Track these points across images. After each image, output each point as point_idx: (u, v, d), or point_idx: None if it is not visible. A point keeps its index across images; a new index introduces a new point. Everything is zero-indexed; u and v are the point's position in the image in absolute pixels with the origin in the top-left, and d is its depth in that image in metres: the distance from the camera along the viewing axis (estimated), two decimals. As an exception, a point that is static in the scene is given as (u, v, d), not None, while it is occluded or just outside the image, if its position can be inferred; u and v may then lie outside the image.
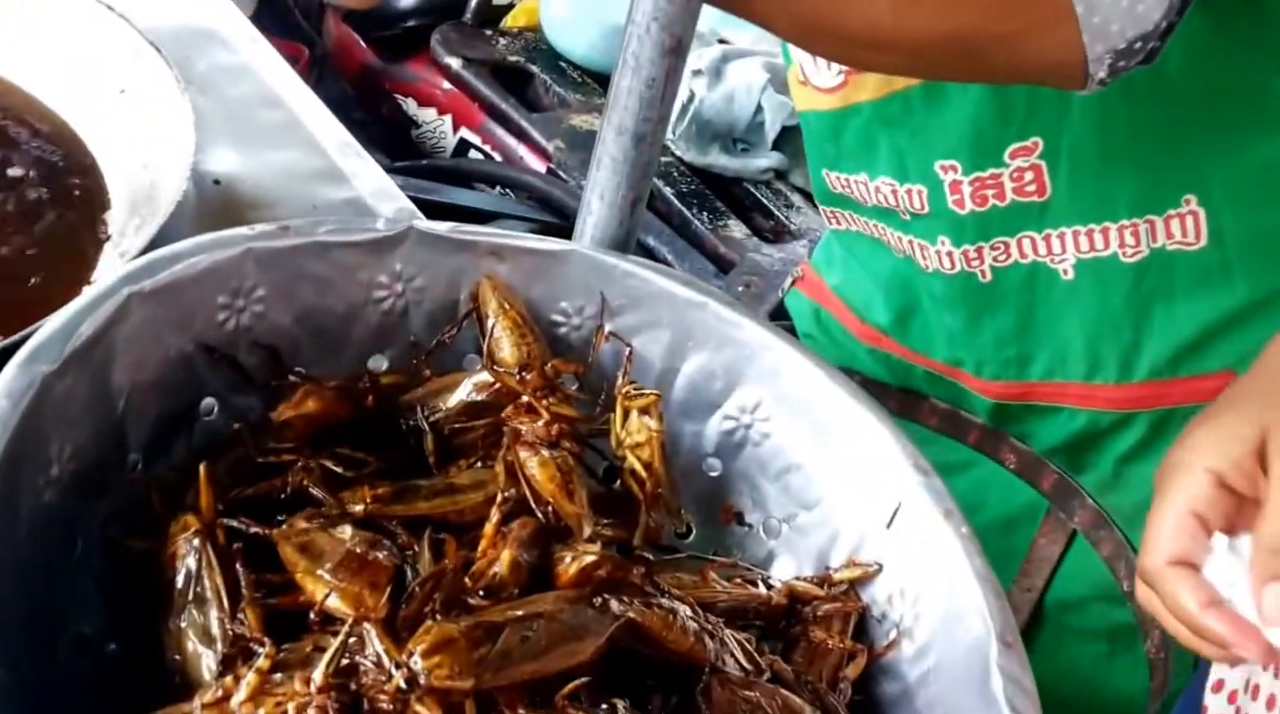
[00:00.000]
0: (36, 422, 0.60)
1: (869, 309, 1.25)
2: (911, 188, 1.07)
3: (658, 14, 0.76)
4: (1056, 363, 1.12)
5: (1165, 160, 0.99)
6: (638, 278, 0.82)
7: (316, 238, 0.75)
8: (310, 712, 0.52)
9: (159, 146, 1.05)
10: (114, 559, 0.67)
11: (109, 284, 0.65)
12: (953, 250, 1.08)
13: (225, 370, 0.74)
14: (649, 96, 0.79)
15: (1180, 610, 0.66)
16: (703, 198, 2.00)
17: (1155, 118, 0.93)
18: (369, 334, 0.81)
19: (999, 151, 1.01)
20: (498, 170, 2.09)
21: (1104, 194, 1.02)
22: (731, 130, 2.03)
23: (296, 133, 1.24)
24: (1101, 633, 1.20)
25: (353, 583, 0.58)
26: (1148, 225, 1.02)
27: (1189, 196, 1.00)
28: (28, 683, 0.56)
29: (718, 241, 1.90)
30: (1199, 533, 0.67)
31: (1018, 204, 1.03)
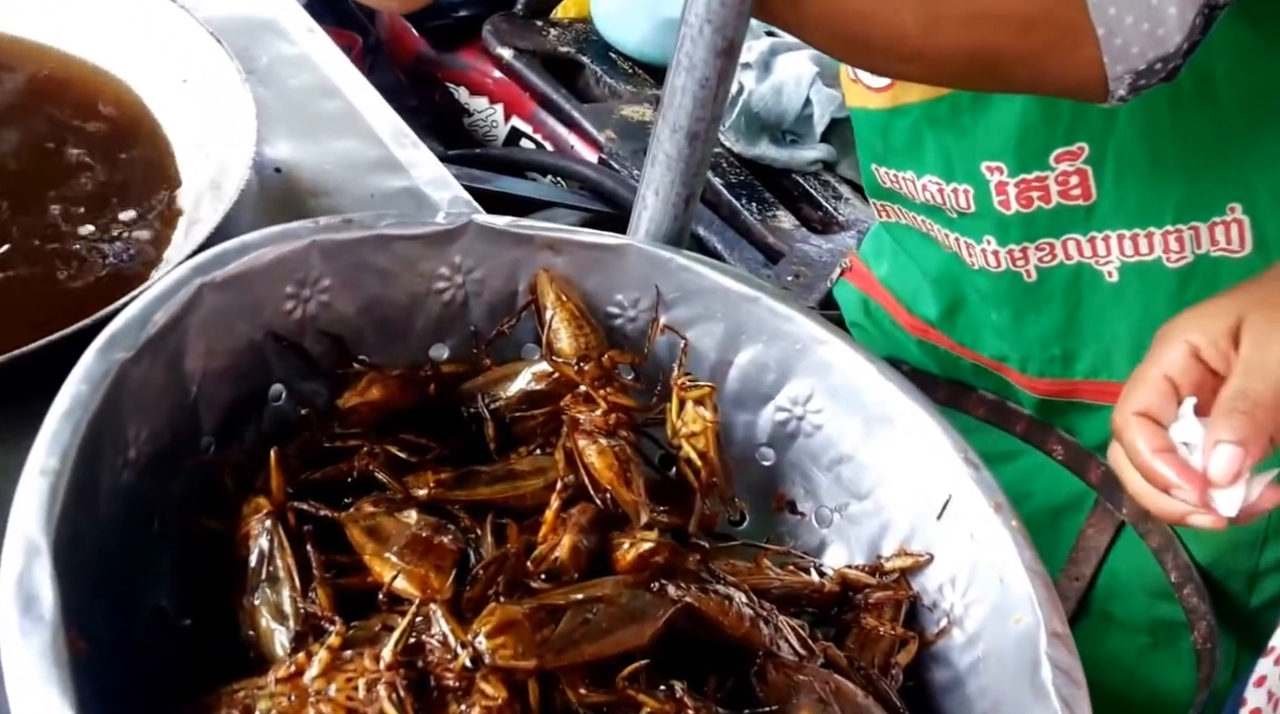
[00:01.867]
0: (115, 405, 0.62)
1: (917, 301, 1.26)
2: (958, 187, 1.07)
3: (711, 16, 0.77)
4: (1101, 362, 1.13)
5: (1210, 167, 1.00)
6: (692, 272, 0.84)
7: (378, 230, 0.77)
8: (380, 688, 0.54)
9: (222, 135, 1.08)
10: (189, 537, 0.69)
11: (181, 274, 0.67)
12: (998, 249, 1.09)
13: (293, 358, 0.76)
14: (702, 96, 0.80)
15: (1135, 454, 0.71)
16: (752, 189, 2.01)
17: (1201, 125, 0.94)
18: (430, 324, 0.83)
19: (1044, 155, 1.02)
20: (550, 160, 2.11)
21: (1149, 200, 1.02)
22: (780, 122, 2.04)
23: (354, 122, 1.26)
24: (1145, 626, 1.21)
25: (419, 565, 0.60)
26: (1192, 232, 1.02)
27: (1234, 204, 1.00)
28: (108, 654, 0.58)
29: (766, 232, 1.91)
30: (1169, 394, 0.73)
31: (1063, 207, 1.04)
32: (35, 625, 0.52)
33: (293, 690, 0.56)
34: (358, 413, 0.75)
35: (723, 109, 0.84)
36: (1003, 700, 0.67)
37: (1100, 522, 1.17)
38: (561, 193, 2.00)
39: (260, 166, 1.14)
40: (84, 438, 0.59)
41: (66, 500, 0.57)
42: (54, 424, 0.59)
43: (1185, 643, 1.13)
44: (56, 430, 0.59)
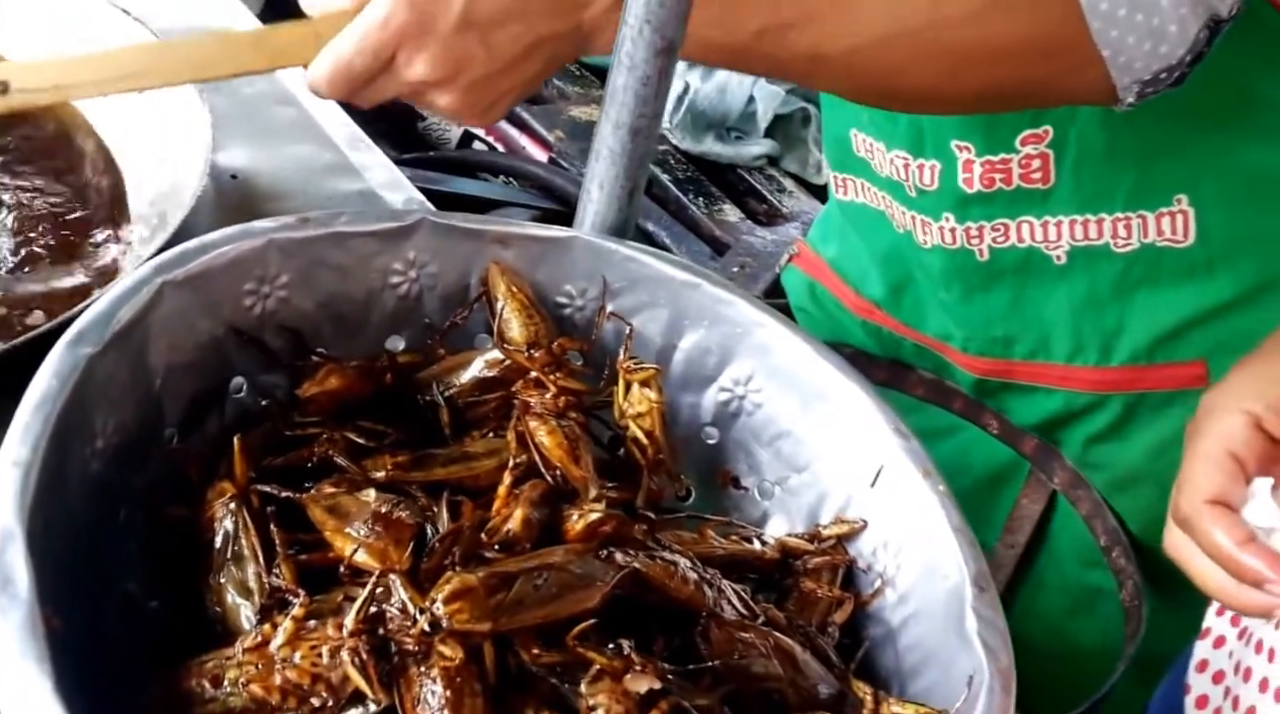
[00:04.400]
0: (82, 398, 0.65)
1: (864, 282, 1.31)
2: (925, 163, 1.11)
3: (650, 16, 0.80)
4: (1039, 344, 1.17)
5: (1161, 160, 1.04)
6: (636, 262, 0.87)
7: (334, 229, 0.80)
8: (343, 653, 0.58)
9: (177, 144, 1.10)
10: (155, 524, 0.72)
11: (144, 273, 0.70)
12: (956, 227, 1.13)
13: (253, 352, 0.79)
14: (644, 93, 0.83)
15: (1217, 548, 0.65)
16: (699, 184, 2.06)
17: (1154, 118, 0.98)
18: (386, 317, 0.86)
19: (1012, 138, 1.06)
20: (501, 160, 2.14)
21: (1103, 187, 1.07)
22: (725, 119, 2.09)
23: (309, 128, 1.29)
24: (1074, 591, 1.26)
25: (379, 539, 0.64)
26: (1140, 220, 1.07)
27: (1180, 196, 1.05)
28: (81, 634, 0.61)
29: (713, 225, 1.95)
30: (1237, 473, 0.67)
31: (1022, 189, 1.08)
32: (12, 604, 0.55)
33: (259, 659, 0.59)
34: (316, 402, 0.78)
35: (663, 106, 0.87)
36: (933, 651, 0.71)
37: (1034, 491, 1.22)
38: (513, 192, 2.03)
39: (217, 174, 1.16)
40: (54, 429, 0.62)
41: (38, 489, 0.60)
42: (25, 416, 0.62)
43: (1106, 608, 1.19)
44: (28, 422, 0.62)
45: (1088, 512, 1.17)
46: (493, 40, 0.87)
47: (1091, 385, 1.16)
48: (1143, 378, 1.14)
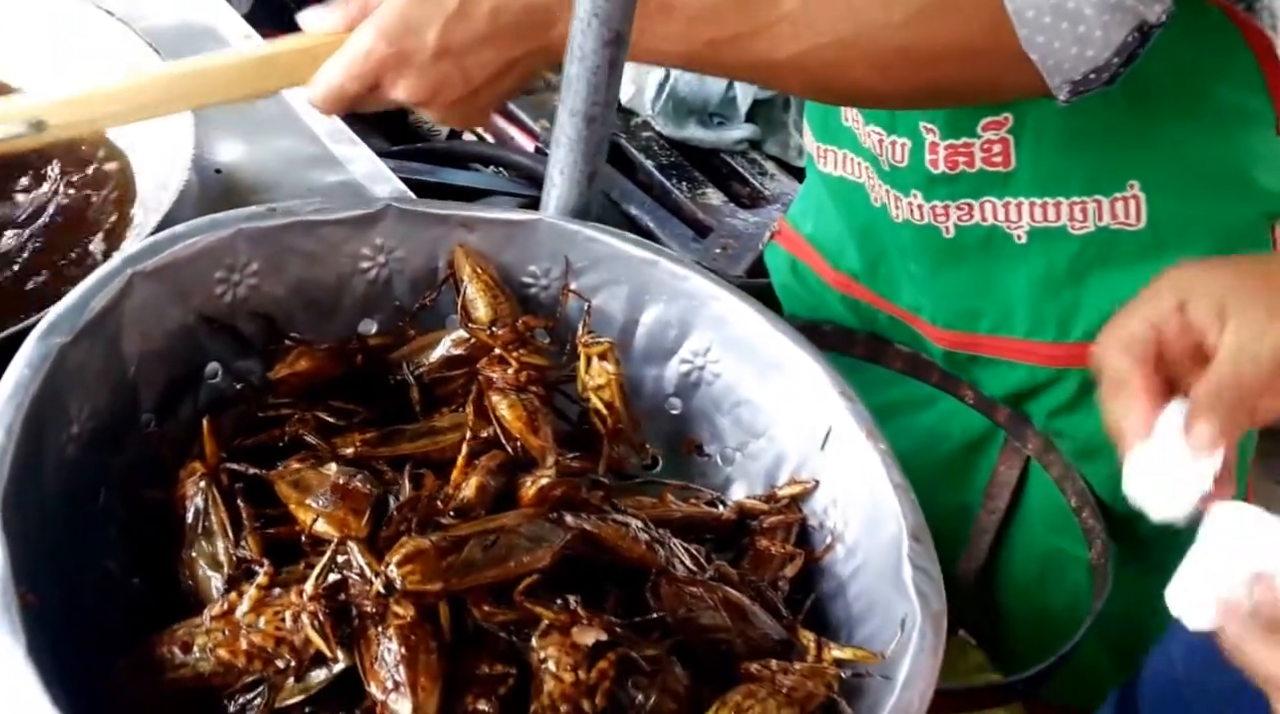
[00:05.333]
0: (55, 386, 0.68)
1: (841, 256, 1.34)
2: (896, 140, 1.15)
3: (597, 10, 0.83)
4: (1002, 319, 1.21)
5: (1115, 148, 1.09)
6: (597, 242, 0.90)
7: (302, 217, 0.83)
8: (304, 617, 0.61)
9: (162, 141, 1.13)
10: (134, 507, 0.75)
11: (113, 265, 0.73)
12: (923, 204, 1.17)
13: (226, 338, 0.83)
14: (595, 82, 0.86)
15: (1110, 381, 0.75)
16: (682, 169, 2.09)
17: (1108, 107, 1.01)
18: (357, 302, 0.89)
19: (973, 123, 1.10)
20: (489, 151, 2.17)
21: (1060, 172, 1.11)
22: (706, 105, 2.12)
23: (291, 122, 1.32)
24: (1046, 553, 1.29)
25: (337, 509, 0.67)
26: (1096, 204, 1.11)
27: (1133, 182, 1.09)
28: (58, 610, 0.64)
29: (696, 208, 1.98)
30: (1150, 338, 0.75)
31: (985, 172, 1.12)
32: (-13, 580, 0.58)
33: (226, 626, 0.63)
34: (287, 383, 0.81)
35: (615, 94, 0.90)
36: (874, 600, 0.74)
37: (1010, 459, 1.25)
38: (502, 181, 2.06)
39: (201, 168, 1.19)
40: (27, 416, 0.65)
41: (13, 472, 0.63)
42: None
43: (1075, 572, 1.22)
44: (1, 410, 0.65)
45: (1058, 475, 1.20)
46: (467, 65, 0.92)
47: (1050, 360, 1.20)
48: None
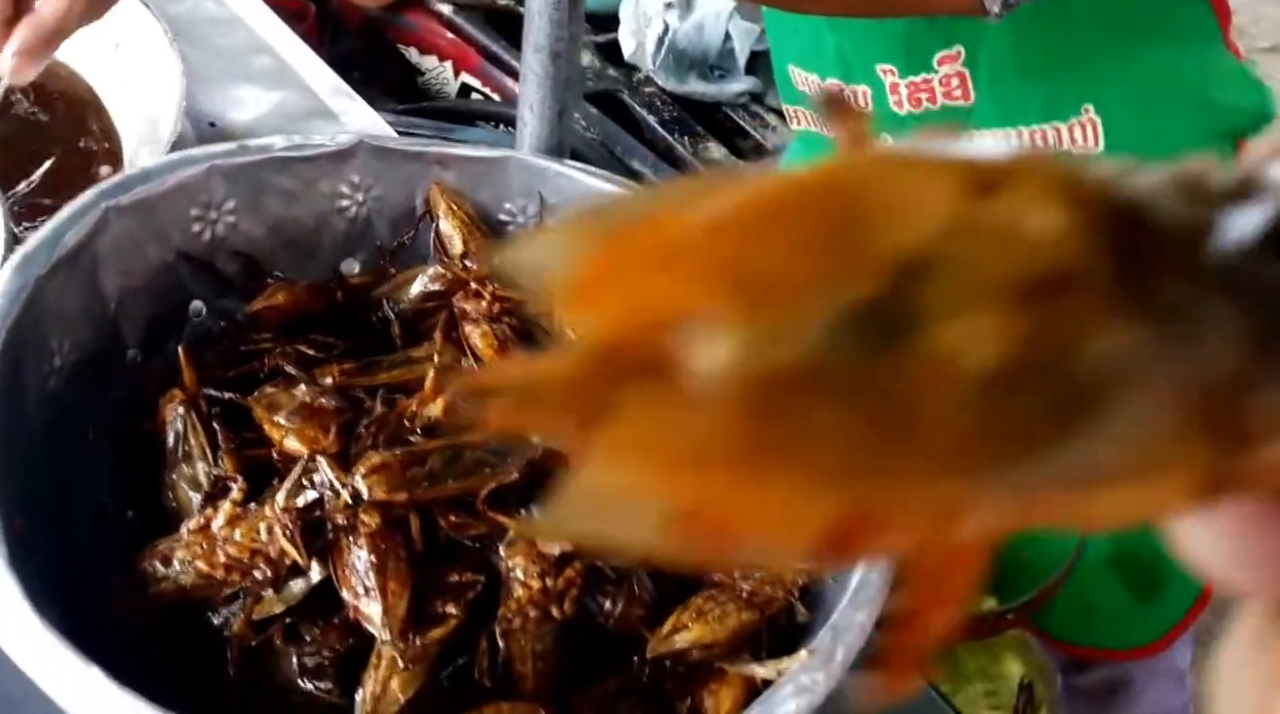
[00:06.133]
0: (33, 317, 0.70)
1: (829, 209, 1.35)
2: (857, 88, 1.16)
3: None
4: None
5: (1068, 70, 1.10)
6: (568, 178, 0.92)
7: (274, 154, 0.85)
8: (276, 529, 0.63)
9: (154, 95, 1.15)
10: (124, 442, 0.78)
11: (87, 198, 0.75)
12: None
13: (207, 277, 0.84)
14: (557, 17, 0.88)
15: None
16: (684, 123, 2.10)
17: (1058, 30, 1.02)
18: (338, 241, 0.91)
19: (928, 58, 1.11)
20: (496, 109, 2.18)
21: (1018, 101, 1.12)
22: (705, 58, 2.13)
23: (286, 76, 1.34)
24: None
25: (307, 426, 0.69)
26: (1055, 131, 1.12)
27: (1088, 105, 1.10)
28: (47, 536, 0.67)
29: (699, 163, 2.00)
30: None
31: (947, 107, 1.13)
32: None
33: (204, 539, 0.65)
34: (266, 317, 0.83)
35: (580, 29, 0.92)
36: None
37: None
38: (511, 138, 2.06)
39: (196, 122, 1.22)
40: (5, 344, 0.67)
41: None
42: (-24, 334, 0.67)
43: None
44: (-21, 337, 0.67)
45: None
46: None
47: None
48: None
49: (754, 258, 0.12)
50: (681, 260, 0.12)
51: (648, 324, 0.12)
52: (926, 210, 0.12)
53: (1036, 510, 0.13)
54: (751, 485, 0.12)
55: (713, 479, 0.12)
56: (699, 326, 0.12)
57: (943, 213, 0.12)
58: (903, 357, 0.12)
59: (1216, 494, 0.14)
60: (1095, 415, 0.12)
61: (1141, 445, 0.13)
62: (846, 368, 0.12)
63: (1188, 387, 0.13)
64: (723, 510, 0.12)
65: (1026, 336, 0.12)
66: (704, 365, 0.12)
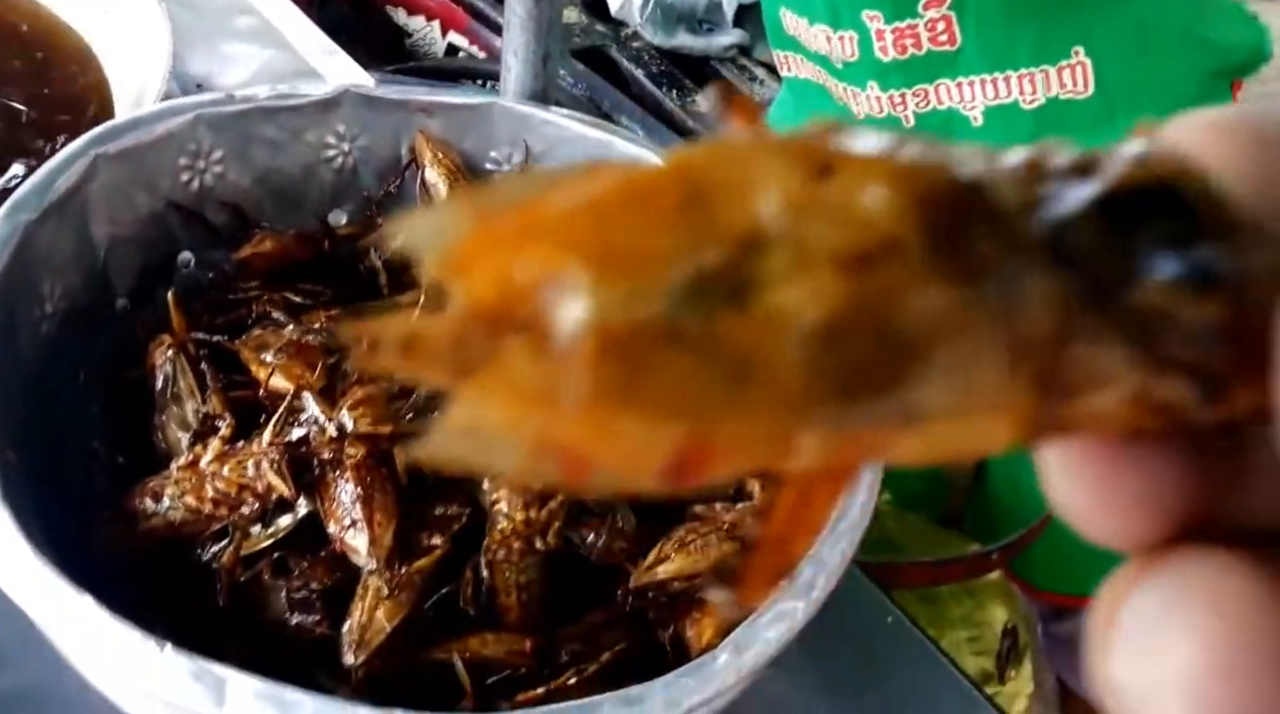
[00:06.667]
0: (24, 263, 0.71)
1: (816, 158, 1.36)
2: (844, 34, 1.16)
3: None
4: None
5: (1056, 12, 1.10)
6: (553, 124, 0.93)
7: (260, 103, 0.86)
8: (264, 463, 0.64)
9: (141, 55, 1.16)
10: (115, 388, 0.79)
11: (77, 146, 0.75)
12: (880, 96, 1.18)
13: (196, 227, 0.85)
14: (539, -39, 0.89)
15: None
16: (673, 78, 2.10)
17: None
18: (325, 191, 0.91)
19: (914, 3, 1.11)
20: (483, 66, 2.18)
21: (1006, 44, 1.12)
22: (694, 12, 2.12)
23: (272, 37, 1.34)
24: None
25: (292, 363, 0.70)
26: (1044, 75, 1.12)
27: (1077, 48, 1.10)
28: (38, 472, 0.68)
29: (686, 116, 2.00)
30: None
31: (933, 53, 1.13)
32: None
33: (192, 475, 0.66)
34: (253, 265, 0.84)
35: (566, -29, 0.92)
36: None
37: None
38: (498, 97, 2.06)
39: (182, 82, 1.22)
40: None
41: (-12, 340, 0.66)
42: (-31, 276, 0.68)
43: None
44: (-27, 282, 0.68)
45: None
46: None
47: None
48: None
49: (612, 233, 0.15)
50: (547, 235, 0.15)
51: (517, 290, 0.14)
52: (767, 192, 0.15)
53: (866, 444, 0.15)
54: (603, 421, 0.14)
55: (569, 416, 0.14)
56: (561, 290, 0.14)
57: (781, 194, 0.15)
58: (741, 315, 0.14)
59: (1040, 435, 0.16)
60: (915, 364, 0.15)
61: (961, 391, 0.15)
62: (690, 324, 0.14)
63: (1004, 341, 0.15)
64: (579, 442, 0.15)
65: (848, 298, 0.14)
66: (564, 322, 0.14)
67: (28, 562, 0.55)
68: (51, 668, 0.57)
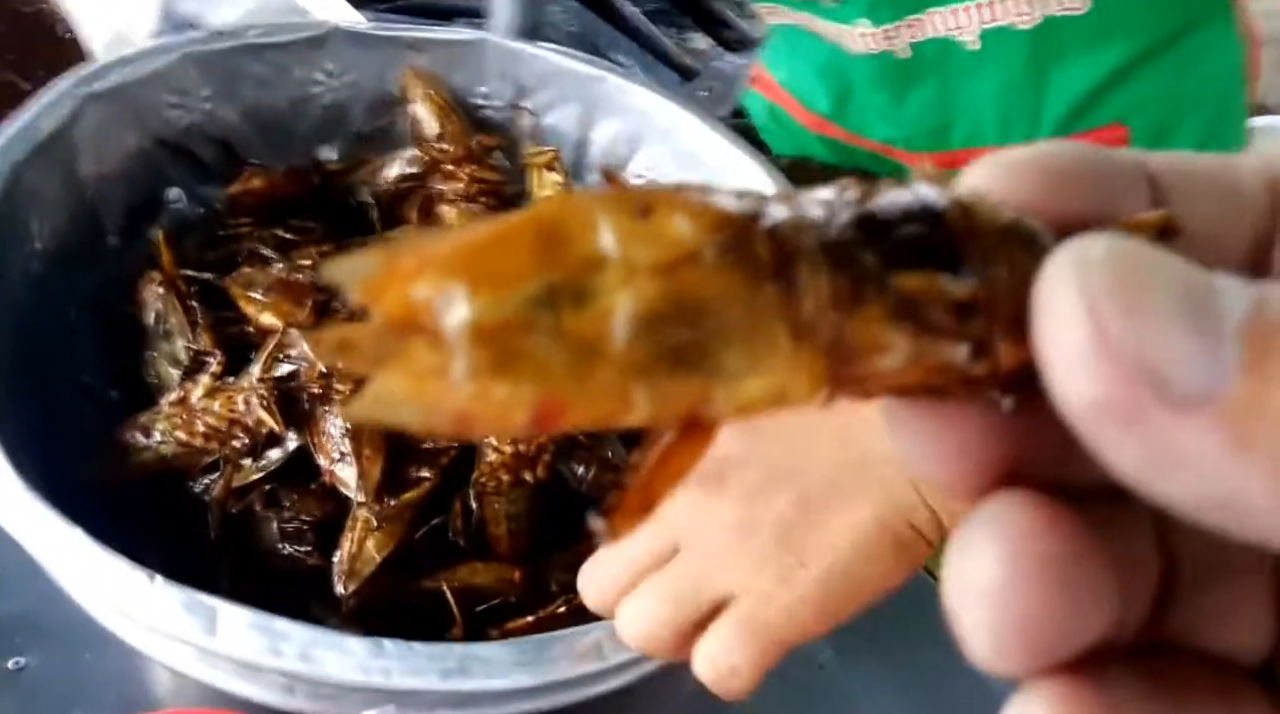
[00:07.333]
0: (12, 202, 0.71)
1: (812, 98, 1.35)
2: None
3: None
4: (974, 130, 1.22)
5: None
6: (544, 60, 0.92)
7: (247, 40, 0.85)
8: (254, 399, 0.65)
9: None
10: (106, 323, 0.79)
11: (64, 86, 0.75)
12: (873, 30, 1.17)
13: (185, 163, 0.85)
14: (526, -111, 0.88)
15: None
16: (668, 15, 2.08)
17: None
18: (313, 127, 0.91)
19: None
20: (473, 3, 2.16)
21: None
22: (690, -55, 2.10)
23: (259, -25, 1.34)
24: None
25: (282, 300, 0.70)
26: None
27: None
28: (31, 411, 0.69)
29: (683, 53, 1.98)
30: None
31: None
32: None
33: (183, 411, 0.67)
34: (243, 202, 0.84)
35: (554, -96, 0.92)
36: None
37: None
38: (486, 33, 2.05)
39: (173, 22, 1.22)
40: (-14, 227, 0.69)
41: (-22, 279, 0.67)
42: (-42, 216, 0.69)
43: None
44: (-38, 222, 0.68)
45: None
46: None
47: None
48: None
49: (484, 262, 0.20)
50: (436, 267, 0.20)
51: (416, 305, 0.20)
52: (604, 228, 0.20)
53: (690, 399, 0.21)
54: (481, 388, 0.20)
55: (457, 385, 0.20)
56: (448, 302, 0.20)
57: (613, 228, 0.20)
58: (582, 312, 0.20)
59: (843, 390, 0.21)
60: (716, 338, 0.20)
61: (753, 357, 0.21)
62: (543, 319, 0.20)
63: (787, 320, 0.21)
64: (465, 404, 0.20)
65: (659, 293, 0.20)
66: (450, 322, 0.19)
67: (20, 495, 0.56)
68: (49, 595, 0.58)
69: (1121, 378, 0.19)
